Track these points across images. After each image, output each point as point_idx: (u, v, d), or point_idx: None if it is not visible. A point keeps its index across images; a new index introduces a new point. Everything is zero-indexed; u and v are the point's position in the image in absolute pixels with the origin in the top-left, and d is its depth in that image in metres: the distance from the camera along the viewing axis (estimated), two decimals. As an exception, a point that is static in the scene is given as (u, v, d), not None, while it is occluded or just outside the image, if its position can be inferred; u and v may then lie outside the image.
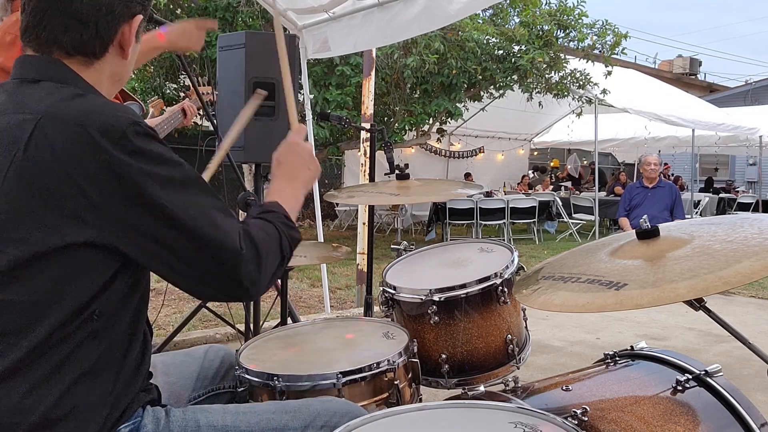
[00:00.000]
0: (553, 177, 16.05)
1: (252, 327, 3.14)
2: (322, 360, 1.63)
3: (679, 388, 1.42)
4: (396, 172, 2.30)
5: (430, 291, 1.81)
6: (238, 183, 3.47)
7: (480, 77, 8.84)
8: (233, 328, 3.63)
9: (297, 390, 1.46)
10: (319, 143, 8.65)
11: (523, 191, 12.60)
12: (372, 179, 2.99)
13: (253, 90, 1.82)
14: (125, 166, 1.01)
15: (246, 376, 1.52)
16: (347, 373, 1.48)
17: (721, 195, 14.30)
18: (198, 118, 6.07)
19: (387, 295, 1.92)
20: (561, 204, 11.36)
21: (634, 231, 1.43)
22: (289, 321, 2.84)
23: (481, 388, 1.44)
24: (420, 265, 2.10)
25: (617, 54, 10.03)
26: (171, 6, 7.64)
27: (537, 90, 9.53)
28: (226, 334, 4.29)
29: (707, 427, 1.39)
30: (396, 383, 1.55)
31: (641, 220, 1.41)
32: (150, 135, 1.06)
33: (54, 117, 1.02)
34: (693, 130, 11.57)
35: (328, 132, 8.32)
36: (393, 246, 2.18)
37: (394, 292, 1.90)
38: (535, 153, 17.08)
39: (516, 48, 8.93)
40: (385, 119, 9.17)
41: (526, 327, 2.00)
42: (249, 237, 1.12)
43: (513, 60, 8.84)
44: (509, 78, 9.04)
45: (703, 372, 1.46)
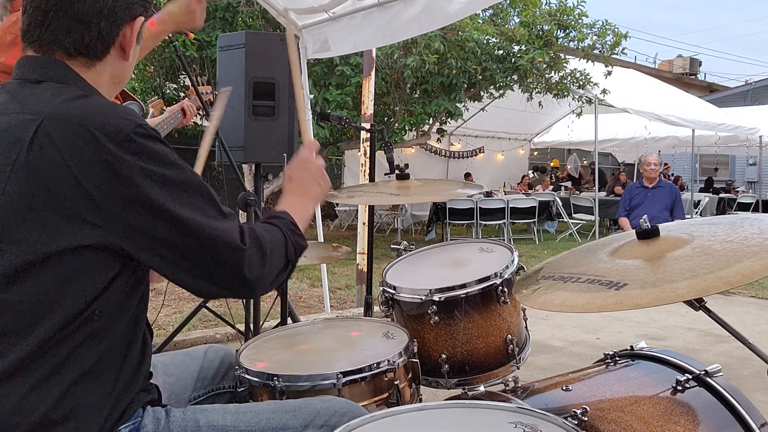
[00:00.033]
0: (553, 177, 16.05)
1: (252, 327, 3.14)
2: (322, 360, 1.63)
3: (679, 388, 1.42)
4: (396, 172, 2.30)
5: (430, 291, 1.81)
6: (238, 183, 3.47)
7: (480, 77, 8.83)
8: (233, 328, 3.63)
9: (297, 390, 1.46)
10: (319, 143, 8.62)
11: (523, 191, 12.59)
12: (372, 179, 2.99)
13: (253, 89, 1.83)
14: (128, 167, 1.01)
15: (246, 376, 1.52)
16: (347, 373, 1.48)
17: (721, 195, 14.30)
18: (198, 117, 6.08)
19: (387, 295, 1.91)
20: (561, 204, 11.36)
21: (634, 231, 1.43)
22: (289, 321, 2.85)
23: (481, 388, 1.45)
24: (420, 265, 2.10)
25: (617, 54, 10.03)
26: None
27: (537, 90, 9.51)
28: (226, 334, 4.29)
29: (707, 427, 1.39)
30: (396, 383, 1.55)
31: (641, 220, 1.41)
32: (154, 137, 1.07)
33: (57, 118, 1.02)
34: (693, 130, 11.57)
35: (328, 132, 8.31)
36: (393, 246, 2.18)
37: (394, 292, 1.90)
38: (535, 153, 17.08)
39: (516, 48, 8.92)
40: (385, 119, 9.16)
41: (526, 327, 2.00)
42: (254, 235, 1.14)
43: (513, 60, 8.83)
44: (509, 78, 9.03)
45: (703, 372, 1.46)
